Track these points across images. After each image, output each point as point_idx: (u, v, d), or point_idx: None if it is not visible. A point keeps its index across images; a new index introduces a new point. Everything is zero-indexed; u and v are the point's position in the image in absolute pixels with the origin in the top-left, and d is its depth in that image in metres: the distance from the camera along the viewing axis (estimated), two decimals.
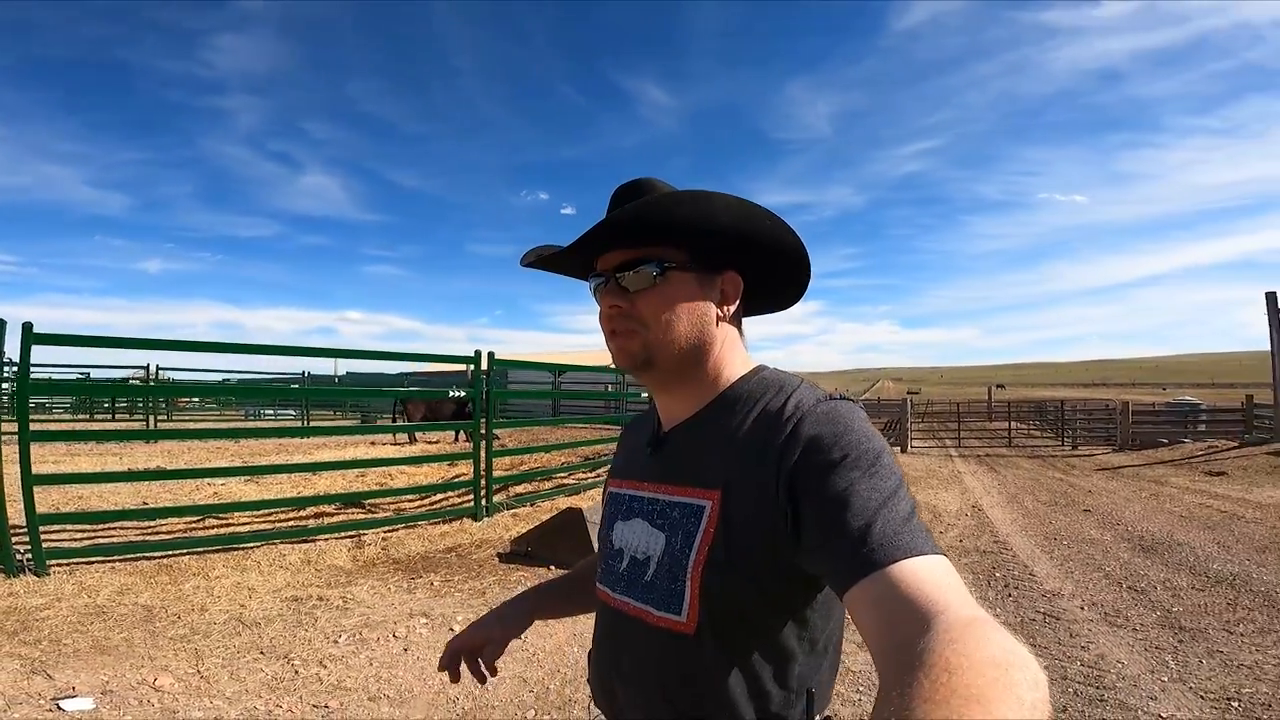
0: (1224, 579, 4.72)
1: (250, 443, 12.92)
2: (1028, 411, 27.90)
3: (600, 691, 0.89)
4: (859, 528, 0.60)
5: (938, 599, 0.52)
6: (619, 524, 0.88)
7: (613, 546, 0.88)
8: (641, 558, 0.81)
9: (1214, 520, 6.96)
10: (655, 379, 0.84)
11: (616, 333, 0.82)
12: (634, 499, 0.87)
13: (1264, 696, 2.89)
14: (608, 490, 0.96)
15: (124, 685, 2.84)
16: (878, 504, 0.62)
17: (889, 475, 0.65)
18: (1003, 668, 0.41)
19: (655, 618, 0.78)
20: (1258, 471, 10.39)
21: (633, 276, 0.79)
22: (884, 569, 0.57)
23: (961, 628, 0.47)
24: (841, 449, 0.66)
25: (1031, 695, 0.40)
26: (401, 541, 5.49)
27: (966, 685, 0.40)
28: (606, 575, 0.88)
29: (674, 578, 0.76)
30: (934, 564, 0.58)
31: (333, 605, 3.99)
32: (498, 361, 6.77)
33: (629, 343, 0.81)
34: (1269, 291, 13.85)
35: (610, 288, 0.81)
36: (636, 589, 0.81)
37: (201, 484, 7.48)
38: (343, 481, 7.83)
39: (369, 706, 2.78)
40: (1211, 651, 3.42)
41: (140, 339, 5.19)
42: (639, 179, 0.83)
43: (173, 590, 4.15)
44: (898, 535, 0.59)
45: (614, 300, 0.81)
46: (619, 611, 0.84)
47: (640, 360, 0.81)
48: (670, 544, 0.77)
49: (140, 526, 5.56)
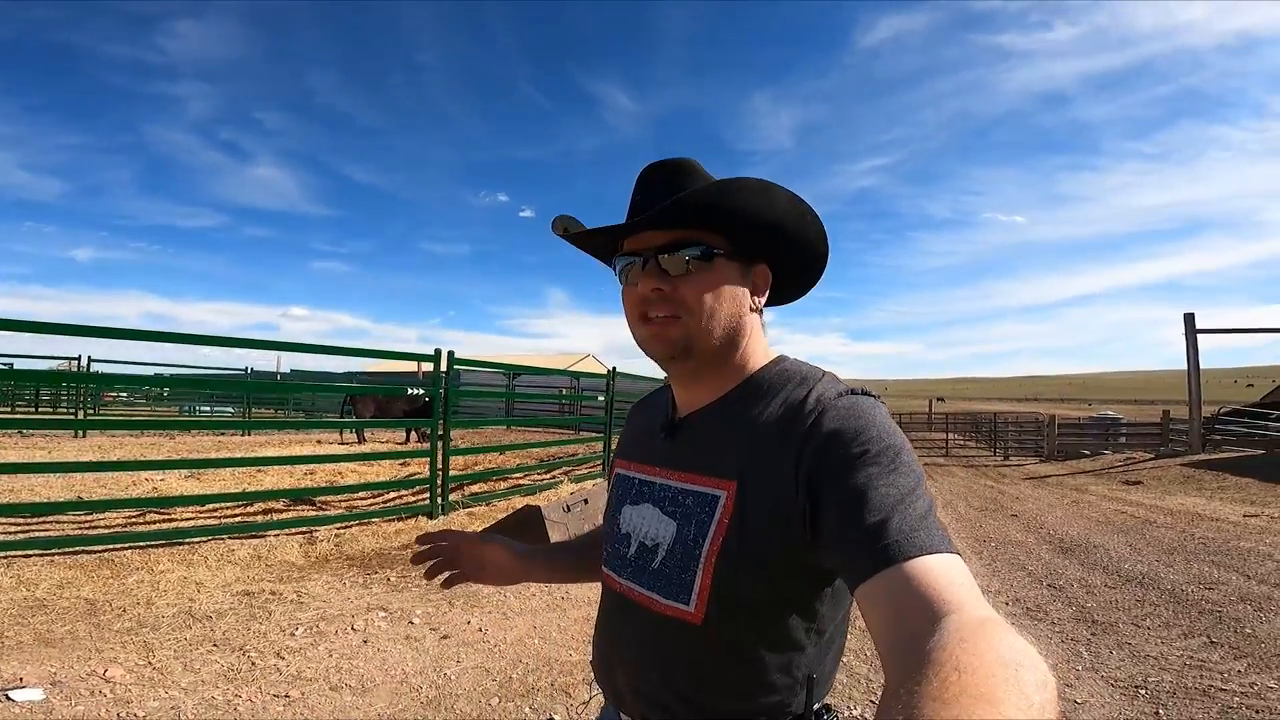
0: (1134, 578, 5.11)
1: (187, 439, 12.44)
2: (964, 423, 29.16)
3: (602, 672, 0.89)
4: (875, 523, 0.59)
5: (949, 597, 0.52)
6: (627, 508, 0.86)
7: (620, 530, 0.86)
8: (650, 544, 0.80)
9: (1128, 525, 7.49)
10: (687, 369, 0.81)
11: (652, 318, 0.77)
12: (645, 483, 0.85)
13: (1169, 685, 3.12)
14: (615, 471, 0.95)
15: (73, 677, 2.78)
16: (895, 500, 0.61)
17: (908, 472, 0.64)
18: (1012, 668, 0.41)
19: (662, 605, 0.77)
20: (1171, 481, 11.15)
21: (676, 260, 0.75)
22: (898, 565, 0.56)
23: (972, 627, 0.46)
24: (861, 444, 0.66)
25: (1040, 696, 0.40)
26: (355, 538, 5.44)
27: (976, 685, 0.39)
28: (613, 559, 0.87)
29: (684, 567, 0.75)
30: (948, 562, 0.57)
31: (287, 600, 3.95)
32: (458, 360, 6.77)
33: (668, 329, 0.77)
34: (1187, 313, 14.96)
35: (650, 269, 0.76)
36: (643, 575, 0.80)
37: (139, 478, 7.21)
38: (291, 479, 7.67)
39: (331, 696, 2.80)
40: (1121, 644, 3.68)
41: (76, 325, 4.93)
42: (678, 158, 0.80)
43: (116, 584, 4.03)
44: (914, 532, 0.58)
45: (657, 283, 0.76)
46: (624, 596, 0.83)
47: (679, 348, 0.77)
48: (682, 532, 0.76)
49: (78, 520, 5.35)
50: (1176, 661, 3.42)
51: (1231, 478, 10.69)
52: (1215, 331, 15.69)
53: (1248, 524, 7.35)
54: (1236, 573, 5.19)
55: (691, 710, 0.75)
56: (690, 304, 0.75)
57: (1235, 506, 8.59)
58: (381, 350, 6.53)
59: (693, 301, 0.75)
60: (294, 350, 6.71)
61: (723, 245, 0.77)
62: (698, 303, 0.75)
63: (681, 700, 0.76)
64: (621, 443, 0.99)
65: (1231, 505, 8.72)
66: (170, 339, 5.23)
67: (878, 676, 3.13)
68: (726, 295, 0.77)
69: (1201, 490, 10.11)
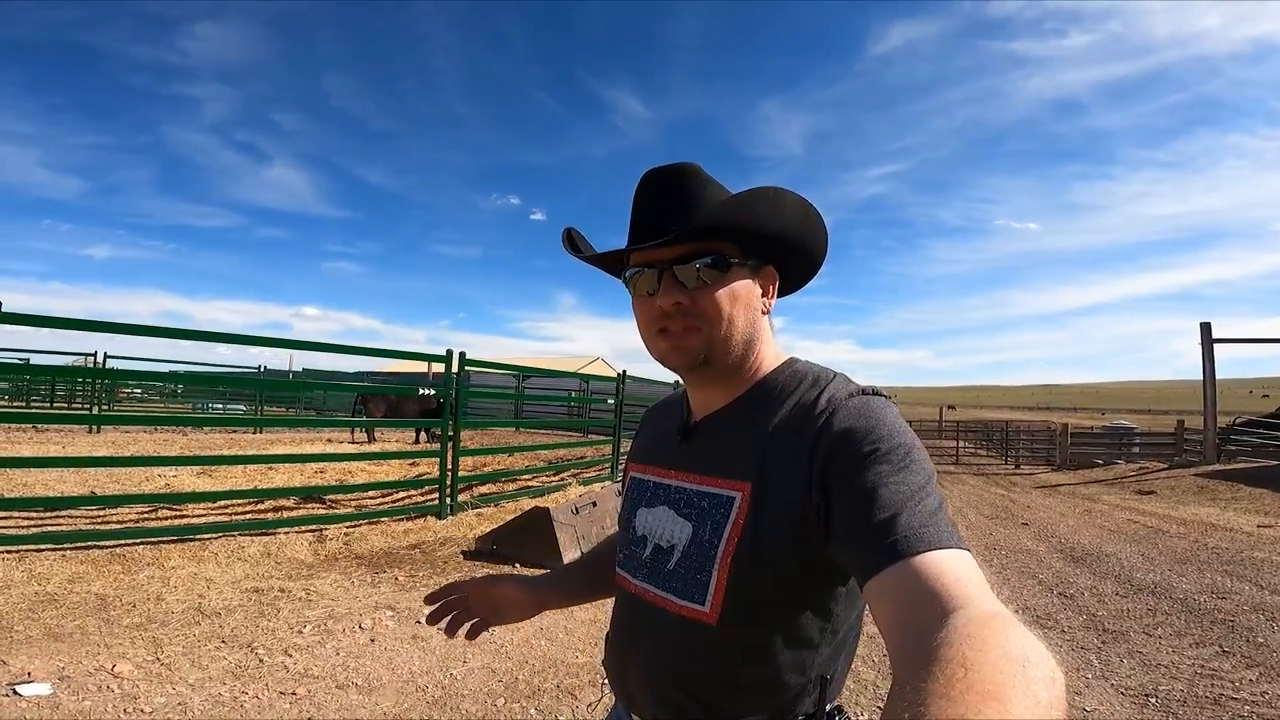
0: (1146, 587, 5.06)
1: (199, 436, 12.56)
2: (975, 432, 28.93)
3: (614, 673, 0.89)
4: (885, 519, 0.60)
5: (958, 593, 0.52)
6: (643, 510, 0.87)
7: (635, 532, 0.87)
8: (666, 546, 0.81)
9: (1140, 534, 7.41)
10: (706, 378, 0.82)
11: (670, 331, 0.78)
12: (660, 486, 0.86)
13: (1179, 694, 3.10)
14: (629, 475, 0.96)
15: (81, 672, 2.81)
16: (905, 497, 0.61)
17: (919, 470, 0.65)
18: (1019, 664, 0.41)
19: (677, 606, 0.77)
20: (1184, 491, 11.03)
21: (689, 270, 0.76)
22: (907, 560, 0.56)
23: (980, 623, 0.46)
24: (872, 442, 0.66)
25: (1048, 693, 0.39)
26: (364, 537, 5.47)
27: (983, 681, 0.39)
28: (628, 561, 0.87)
29: (700, 568, 0.75)
30: (957, 558, 0.57)
31: (295, 597, 3.98)
32: (470, 362, 6.80)
33: (688, 340, 0.77)
34: (1204, 322, 14.78)
35: (668, 283, 0.77)
36: (658, 576, 0.80)
37: (151, 474, 7.29)
38: (301, 477, 7.73)
39: (337, 694, 2.81)
40: (1132, 652, 3.65)
41: (91, 320, 4.98)
42: (680, 165, 0.79)
43: (126, 580, 4.07)
44: (923, 528, 0.59)
45: (676, 296, 0.76)
46: (638, 597, 0.83)
47: (699, 359, 0.78)
48: (698, 534, 0.77)
49: (91, 515, 5.41)
50: (1188, 670, 3.40)
51: (1246, 488, 10.55)
52: (1231, 341, 15.50)
53: (1261, 534, 7.25)
54: (1250, 583, 5.12)
55: (704, 710, 0.75)
56: (710, 315, 0.76)
57: (1249, 517, 8.48)
58: (394, 350, 6.57)
59: (712, 313, 0.76)
60: (306, 349, 6.76)
61: (735, 253, 0.78)
62: (717, 313, 0.76)
63: (695, 700, 0.76)
64: (636, 447, 1.00)
65: (1245, 516, 8.60)
66: (184, 336, 5.28)
67: (885, 683, 3.11)
68: (742, 302, 0.78)
69: (1216, 500, 9.98)
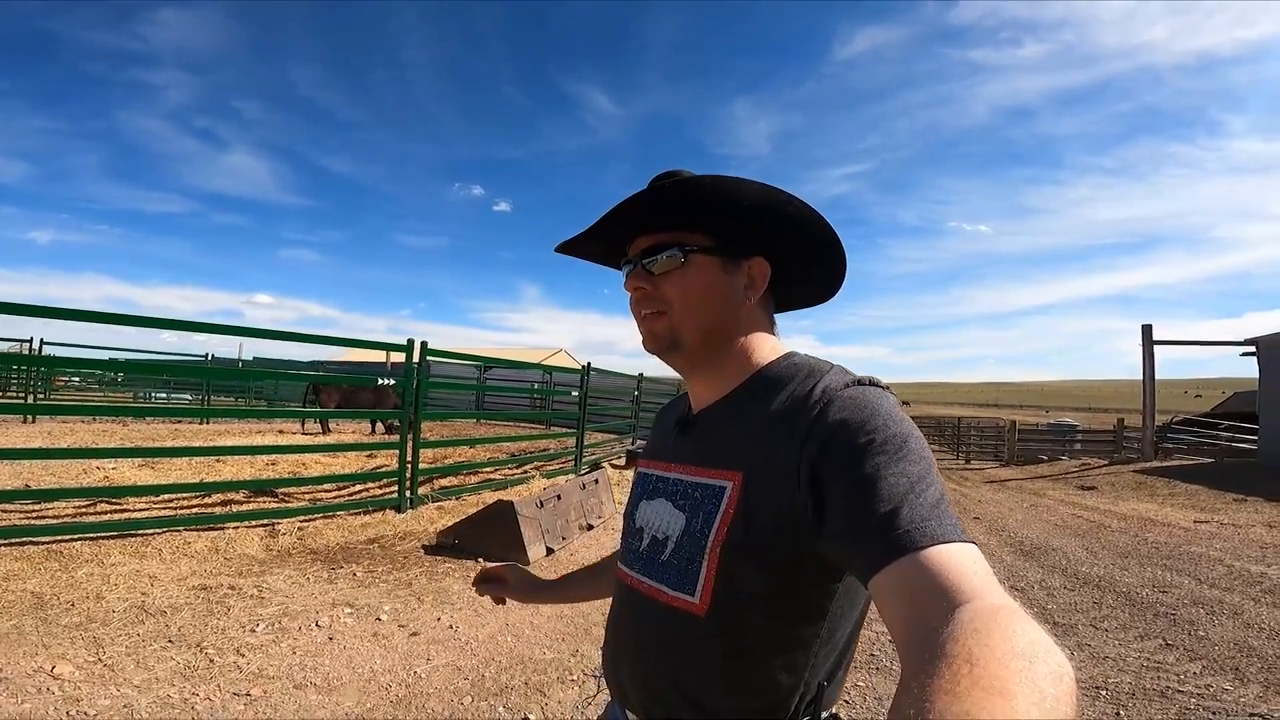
0: (1091, 580, 5.27)
1: (141, 427, 12.01)
2: (929, 427, 29.76)
3: (609, 666, 0.90)
4: (885, 513, 0.58)
5: (964, 587, 0.51)
6: (643, 503, 0.89)
7: (634, 525, 0.89)
8: (661, 537, 0.81)
9: (1084, 529, 7.72)
10: (684, 360, 0.85)
11: (644, 315, 0.84)
12: (660, 479, 0.87)
13: (1128, 686, 3.21)
14: (637, 470, 0.98)
15: (19, 673, 2.65)
16: (905, 489, 0.60)
17: (917, 460, 0.63)
18: (1026, 659, 0.40)
19: (668, 597, 0.78)
20: (1124, 487, 11.55)
21: (657, 260, 0.82)
22: (911, 554, 0.55)
23: (986, 617, 0.45)
24: (868, 433, 0.65)
25: (1055, 689, 0.39)
26: (319, 531, 5.29)
27: (989, 677, 0.39)
28: (627, 554, 0.89)
29: (691, 558, 0.76)
30: (963, 551, 0.55)
31: (246, 594, 3.82)
32: (431, 351, 6.64)
33: (655, 324, 0.83)
34: (1145, 325, 15.46)
35: (636, 272, 0.84)
36: (653, 567, 0.81)
37: (90, 467, 6.93)
38: (252, 469, 7.44)
39: (295, 694, 2.71)
40: (1081, 645, 3.77)
41: (26, 305, 4.67)
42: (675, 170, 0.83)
43: (64, 577, 3.85)
44: (925, 521, 0.57)
45: (638, 282, 0.83)
46: (633, 589, 0.85)
47: (667, 342, 0.83)
48: (690, 524, 0.77)
49: (25, 510, 5.10)
50: (1134, 663, 3.51)
51: (1182, 484, 11.11)
52: (1172, 343, 16.26)
53: (1198, 529, 7.64)
54: (1189, 576, 5.38)
55: (691, 706, 0.75)
56: (670, 299, 0.81)
57: (1186, 512, 8.93)
58: (351, 339, 6.35)
59: (671, 296, 0.81)
60: (256, 336, 6.49)
61: (701, 243, 0.81)
62: (677, 298, 0.81)
63: (681, 694, 0.75)
64: (646, 445, 1.03)
65: (1182, 511, 9.05)
66: (124, 321, 5.00)
67: (887, 686, 3.14)
68: (706, 290, 0.81)
69: (1154, 496, 10.48)
